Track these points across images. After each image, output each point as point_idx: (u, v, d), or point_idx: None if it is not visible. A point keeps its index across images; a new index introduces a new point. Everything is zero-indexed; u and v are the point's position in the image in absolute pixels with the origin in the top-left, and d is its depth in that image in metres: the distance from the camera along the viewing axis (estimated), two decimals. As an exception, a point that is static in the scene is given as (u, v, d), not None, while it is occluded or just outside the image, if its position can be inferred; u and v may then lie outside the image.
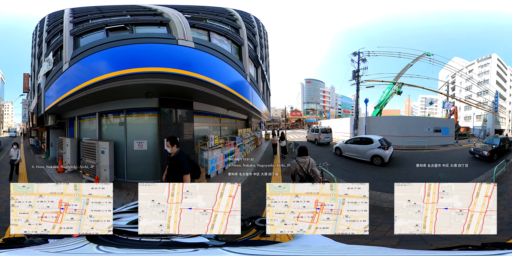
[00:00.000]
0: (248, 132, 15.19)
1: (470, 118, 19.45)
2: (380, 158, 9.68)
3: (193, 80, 6.29)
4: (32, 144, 12.18)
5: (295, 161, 5.30)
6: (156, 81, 6.00)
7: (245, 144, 13.39)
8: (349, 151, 11.09)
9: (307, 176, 5.09)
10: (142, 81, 5.97)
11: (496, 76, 18.29)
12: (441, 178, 6.16)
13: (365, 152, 10.17)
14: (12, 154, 8.65)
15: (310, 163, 5.19)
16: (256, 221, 3.17)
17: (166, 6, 8.42)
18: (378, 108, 19.10)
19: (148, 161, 7.53)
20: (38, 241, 2.96)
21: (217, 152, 9.41)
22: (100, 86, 5.88)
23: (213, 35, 8.44)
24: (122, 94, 6.90)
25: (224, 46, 8.70)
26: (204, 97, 7.97)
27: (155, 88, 6.63)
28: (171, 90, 6.84)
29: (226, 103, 9.52)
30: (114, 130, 8.02)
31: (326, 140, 15.72)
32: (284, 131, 17.34)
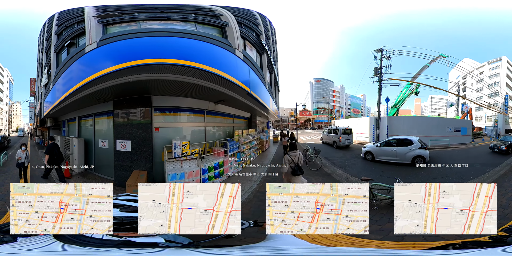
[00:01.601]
0: (250, 134, 12.74)
1: (481, 118, 20.19)
2: (423, 159, 9.62)
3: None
4: (38, 142, 13.92)
5: (287, 155, 6.50)
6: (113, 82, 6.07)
7: (244, 151, 11.08)
8: (385, 155, 10.39)
9: (297, 167, 6.33)
10: (95, 88, 6.38)
11: (506, 78, 18.98)
12: (477, 167, 7.42)
13: (405, 154, 9.88)
14: (20, 156, 7.98)
15: (300, 156, 6.47)
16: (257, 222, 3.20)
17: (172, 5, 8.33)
18: (395, 108, 19.12)
19: (108, 158, 8.24)
20: (7, 240, 3.01)
21: (189, 165, 7.27)
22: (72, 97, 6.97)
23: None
24: (90, 100, 7.73)
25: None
26: (169, 87, 6.60)
27: (108, 92, 6.89)
28: (125, 89, 6.84)
29: (203, 90, 7.24)
30: (87, 131, 9.52)
31: (347, 142, 14.47)
32: (293, 132, 15.79)
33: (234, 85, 6.96)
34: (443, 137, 13.52)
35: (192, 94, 7.97)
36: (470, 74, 20.14)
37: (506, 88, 18.83)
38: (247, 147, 11.63)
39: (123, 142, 7.29)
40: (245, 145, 11.36)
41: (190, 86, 6.67)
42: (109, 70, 5.72)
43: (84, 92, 6.55)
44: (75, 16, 8.07)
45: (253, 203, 6.63)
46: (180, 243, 2.62)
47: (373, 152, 10.92)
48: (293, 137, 12.42)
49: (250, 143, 12.01)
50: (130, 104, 7.37)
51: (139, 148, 7.33)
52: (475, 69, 20.20)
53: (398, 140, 10.46)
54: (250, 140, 12.02)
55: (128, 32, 6.71)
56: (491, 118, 19.16)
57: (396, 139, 10.59)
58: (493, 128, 18.32)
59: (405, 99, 18.48)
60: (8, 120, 19.60)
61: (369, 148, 11.22)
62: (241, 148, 10.65)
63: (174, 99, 8.01)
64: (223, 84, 6.89)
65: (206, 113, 9.48)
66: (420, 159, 9.60)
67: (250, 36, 9.62)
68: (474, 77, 20.27)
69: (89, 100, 7.50)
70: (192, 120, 9.10)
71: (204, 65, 5.99)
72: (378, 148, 10.75)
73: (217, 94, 7.65)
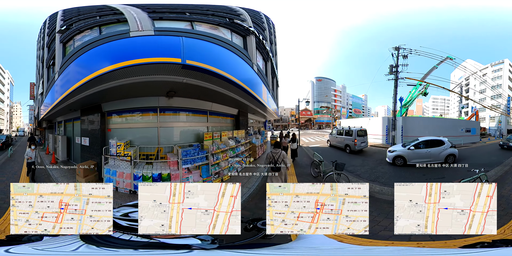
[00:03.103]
0: (235, 137, 9.97)
1: (485, 119, 21.03)
2: (454, 157, 10.28)
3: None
4: (36, 140, 16.66)
5: (270, 152, 7.05)
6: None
7: (220, 162, 8.31)
8: (419, 158, 10.05)
9: (275, 163, 6.85)
10: (67, 102, 8.02)
11: (508, 81, 19.84)
12: (494, 160, 9.08)
13: (439, 154, 10.16)
14: (30, 155, 8.18)
15: (281, 154, 6.93)
16: (258, 223, 3.24)
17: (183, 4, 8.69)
18: (405, 108, 19.31)
19: (79, 151, 10.33)
20: (35, 239, 3.06)
21: (125, 166, 7.22)
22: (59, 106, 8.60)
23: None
24: (68, 110, 9.85)
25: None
26: (116, 92, 7.08)
27: (77, 104, 8.56)
28: (83, 101, 8.11)
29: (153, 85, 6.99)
30: (69, 131, 12.08)
31: (363, 145, 12.66)
32: (295, 132, 13.19)
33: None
34: (456, 137, 14.08)
35: (140, 92, 7.84)
36: (473, 75, 20.89)
37: (508, 90, 19.69)
38: (225, 157, 8.60)
39: (84, 138, 9.37)
40: (221, 155, 8.42)
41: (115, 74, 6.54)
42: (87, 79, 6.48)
43: (63, 104, 8.30)
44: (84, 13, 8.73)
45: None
46: (213, 243, 2.60)
47: (405, 156, 10.28)
48: (295, 139, 11.15)
49: (232, 150, 9.12)
50: (91, 111, 9.01)
51: (93, 144, 8.95)
52: (478, 70, 20.87)
53: (429, 141, 10.49)
54: (232, 146, 9.04)
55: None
56: (494, 119, 20.26)
57: (426, 141, 10.56)
58: (496, 128, 19.69)
59: (414, 100, 18.90)
60: (9, 121, 21.01)
61: (399, 152, 10.49)
62: (213, 158, 7.96)
63: (125, 102, 8.33)
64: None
65: (159, 110, 8.37)
66: (452, 157, 10.13)
67: (260, 44, 9.72)
68: (477, 78, 21.02)
69: (67, 109, 9.68)
70: (139, 120, 8.60)
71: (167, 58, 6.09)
72: (411, 151, 10.28)
73: (164, 83, 7.11)
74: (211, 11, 8.91)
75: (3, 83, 20.26)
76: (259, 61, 9.96)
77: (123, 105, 8.44)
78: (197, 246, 2.59)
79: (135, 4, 8.46)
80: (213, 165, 8.09)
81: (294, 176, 9.13)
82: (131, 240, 2.81)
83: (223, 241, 2.71)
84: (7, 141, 14.32)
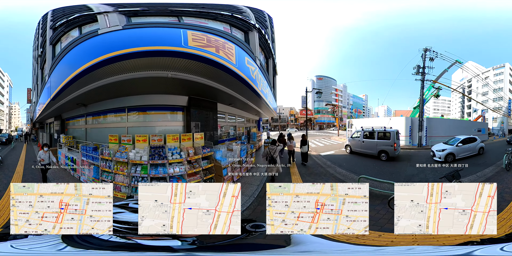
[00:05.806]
0: (161, 147, 6.64)
1: (487, 120, 23.37)
2: (483, 149, 13.22)
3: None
4: (32, 138, 20.71)
5: (267, 148, 7.80)
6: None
7: (114, 175, 6.51)
8: (464, 152, 12.42)
9: (271, 158, 7.66)
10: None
11: (509, 84, 22.03)
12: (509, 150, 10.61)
13: (475, 148, 13.11)
14: (43, 157, 7.76)
15: (276, 149, 7.74)
16: (247, 226, 3.26)
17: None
18: (418, 109, 20.48)
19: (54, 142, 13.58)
20: (19, 236, 3.08)
21: (65, 149, 10.85)
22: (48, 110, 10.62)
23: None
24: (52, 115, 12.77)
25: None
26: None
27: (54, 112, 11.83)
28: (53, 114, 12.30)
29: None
30: (52, 129, 15.41)
31: (400, 150, 12.07)
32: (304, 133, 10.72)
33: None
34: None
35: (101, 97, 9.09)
36: (476, 77, 22.71)
37: (509, 93, 21.93)
38: (122, 172, 6.66)
39: (56, 134, 13.80)
40: (116, 166, 6.78)
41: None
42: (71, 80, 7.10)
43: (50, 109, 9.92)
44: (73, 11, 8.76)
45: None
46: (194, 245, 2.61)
47: (454, 152, 11.98)
48: (306, 141, 9.46)
49: (143, 169, 6.32)
50: (56, 118, 13.19)
51: (58, 137, 12.84)
52: (481, 73, 22.68)
53: (466, 138, 13.04)
54: (134, 161, 6.47)
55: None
56: (496, 120, 23.13)
57: (464, 139, 13.00)
58: (499, 128, 22.72)
59: (427, 101, 19.93)
60: (8, 121, 23.54)
61: (450, 150, 12.10)
62: (104, 164, 7.01)
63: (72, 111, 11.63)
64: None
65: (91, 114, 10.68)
66: (482, 149, 13.14)
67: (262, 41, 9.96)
68: (480, 81, 22.80)
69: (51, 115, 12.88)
70: (75, 124, 12.92)
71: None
72: (459, 148, 12.22)
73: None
74: (206, 8, 8.99)
75: (3, 86, 21.83)
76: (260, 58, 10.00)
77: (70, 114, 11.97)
78: (177, 247, 2.59)
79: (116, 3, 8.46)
80: (105, 172, 7.20)
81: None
82: (109, 241, 2.83)
83: (203, 242, 2.72)
84: (9, 138, 19.87)
